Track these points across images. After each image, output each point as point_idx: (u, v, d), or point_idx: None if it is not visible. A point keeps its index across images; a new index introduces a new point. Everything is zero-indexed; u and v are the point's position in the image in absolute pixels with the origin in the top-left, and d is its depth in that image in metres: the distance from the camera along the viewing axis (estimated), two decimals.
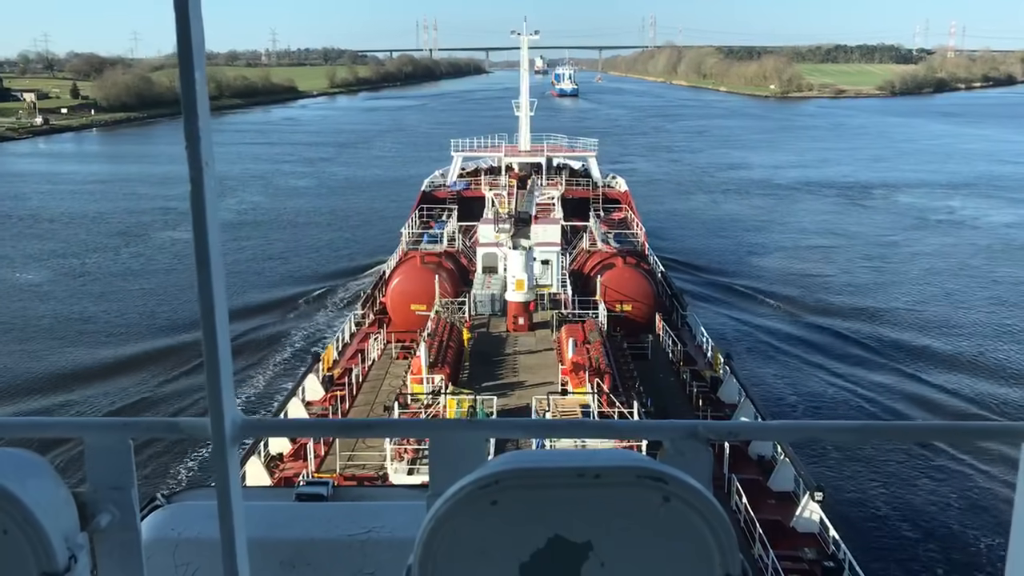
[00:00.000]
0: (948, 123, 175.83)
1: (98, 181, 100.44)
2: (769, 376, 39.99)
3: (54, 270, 59.28)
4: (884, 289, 54.26)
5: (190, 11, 1.64)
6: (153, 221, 75.93)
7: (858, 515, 27.55)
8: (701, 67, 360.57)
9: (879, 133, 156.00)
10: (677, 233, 69.42)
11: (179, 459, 30.86)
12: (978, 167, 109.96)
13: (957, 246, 66.74)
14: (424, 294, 38.68)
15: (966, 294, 53.37)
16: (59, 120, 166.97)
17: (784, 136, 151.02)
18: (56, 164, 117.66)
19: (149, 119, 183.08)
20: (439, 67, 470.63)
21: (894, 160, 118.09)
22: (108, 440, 2.02)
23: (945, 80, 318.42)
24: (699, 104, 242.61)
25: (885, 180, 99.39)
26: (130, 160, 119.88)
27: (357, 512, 2.89)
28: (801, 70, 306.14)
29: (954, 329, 46.28)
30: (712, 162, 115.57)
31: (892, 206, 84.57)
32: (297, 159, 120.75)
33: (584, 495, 1.64)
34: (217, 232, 1.74)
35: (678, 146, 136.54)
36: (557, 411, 26.29)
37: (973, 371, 40.38)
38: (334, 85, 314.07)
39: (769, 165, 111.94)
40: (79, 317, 48.32)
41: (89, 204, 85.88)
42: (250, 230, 71.86)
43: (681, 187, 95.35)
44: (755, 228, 73.12)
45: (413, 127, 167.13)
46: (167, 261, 61.74)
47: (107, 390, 38.00)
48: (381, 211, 78.63)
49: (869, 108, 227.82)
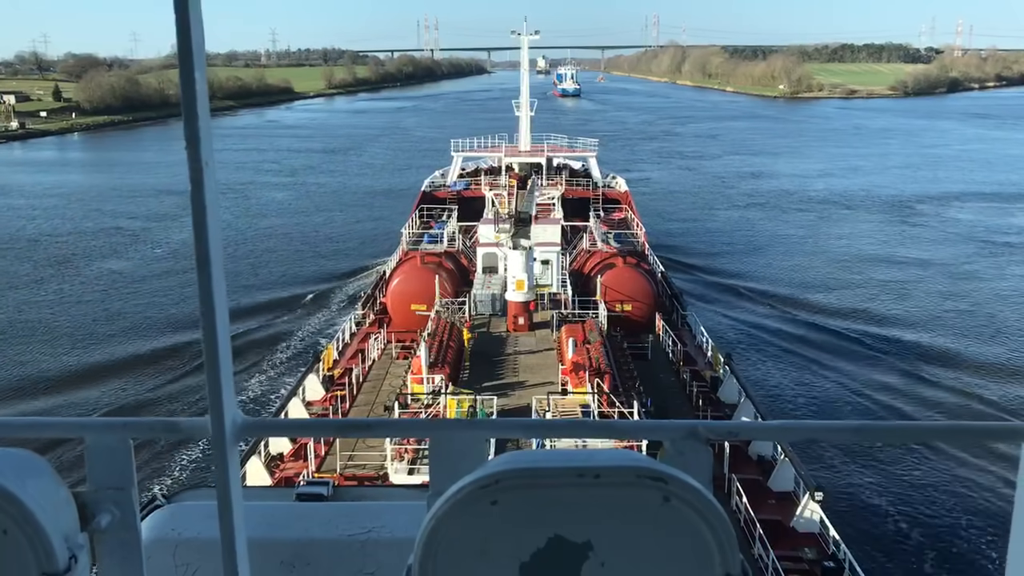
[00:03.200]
0: (977, 126, 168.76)
1: (58, 195, 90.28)
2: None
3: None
4: (998, 341, 45.20)
5: (190, 11, 1.64)
6: (98, 247, 65.54)
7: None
8: (706, 67, 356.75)
9: (905, 137, 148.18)
10: (706, 258, 61.55)
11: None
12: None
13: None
14: (424, 294, 38.70)
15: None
16: (37, 124, 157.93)
17: (805, 140, 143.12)
18: (18, 174, 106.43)
19: (135, 123, 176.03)
20: (440, 67, 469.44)
21: (932, 168, 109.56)
22: (108, 440, 2.02)
23: (958, 80, 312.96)
24: (707, 105, 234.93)
25: (928, 192, 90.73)
26: (103, 169, 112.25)
27: (357, 512, 2.89)
28: (810, 70, 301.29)
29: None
30: (732, 170, 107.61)
31: (949, 225, 74.58)
32: (279, 168, 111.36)
33: (584, 495, 1.64)
34: (217, 232, 1.74)
35: (691, 151, 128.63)
36: (557, 411, 26.30)
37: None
38: (332, 86, 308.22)
39: (797, 174, 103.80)
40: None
41: (33, 223, 75.14)
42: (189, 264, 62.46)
43: (701, 200, 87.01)
44: (801, 252, 64.02)
45: (408, 131, 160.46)
46: (87, 307, 50.14)
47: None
48: (364, 233, 70.01)
49: (886, 109, 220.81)
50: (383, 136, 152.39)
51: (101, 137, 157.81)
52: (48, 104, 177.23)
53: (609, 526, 1.64)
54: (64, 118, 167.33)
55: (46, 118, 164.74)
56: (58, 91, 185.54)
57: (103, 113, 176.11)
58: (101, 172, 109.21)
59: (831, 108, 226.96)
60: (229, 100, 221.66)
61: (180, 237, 68.26)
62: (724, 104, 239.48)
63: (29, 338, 44.87)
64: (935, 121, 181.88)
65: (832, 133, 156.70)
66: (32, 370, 40.55)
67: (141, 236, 69.53)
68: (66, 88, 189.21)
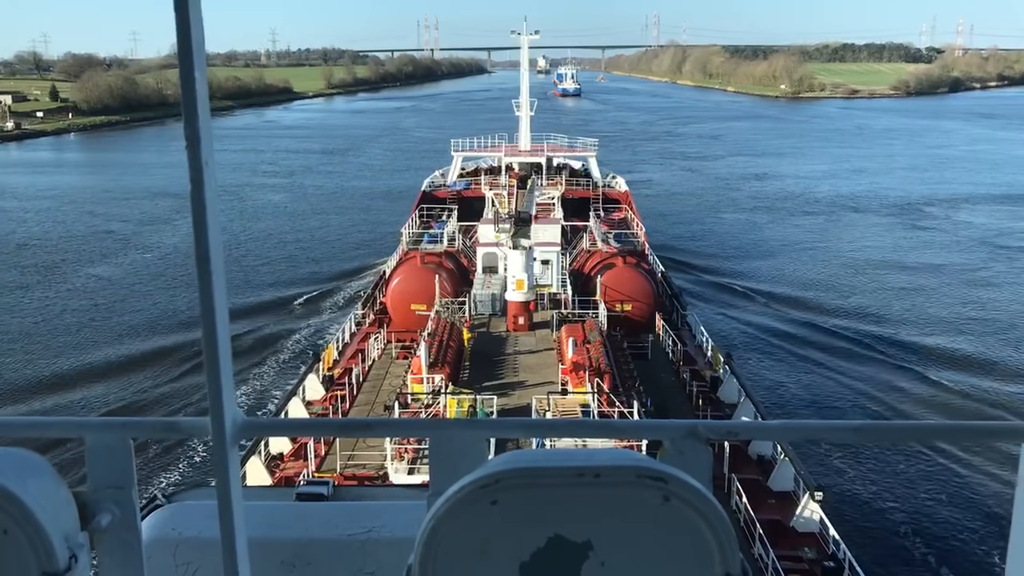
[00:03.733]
0: (981, 126, 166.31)
1: (51, 196, 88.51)
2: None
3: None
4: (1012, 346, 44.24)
5: (190, 11, 1.64)
6: (87, 252, 63.73)
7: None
8: (707, 66, 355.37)
9: (909, 137, 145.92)
10: (713, 260, 60.51)
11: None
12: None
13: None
14: (424, 294, 38.71)
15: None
16: (33, 124, 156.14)
17: (808, 141, 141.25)
18: (12, 175, 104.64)
19: (133, 123, 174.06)
20: (440, 67, 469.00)
21: (938, 169, 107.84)
22: (108, 440, 2.02)
23: (960, 79, 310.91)
24: (709, 105, 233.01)
25: (936, 194, 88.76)
26: (99, 170, 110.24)
27: (357, 512, 2.89)
28: (811, 70, 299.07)
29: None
30: (736, 171, 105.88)
31: (960, 228, 72.77)
32: (275, 170, 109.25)
33: (584, 495, 1.64)
34: (218, 232, 1.74)
35: (694, 152, 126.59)
36: (557, 411, 26.30)
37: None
38: (332, 86, 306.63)
39: (801, 175, 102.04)
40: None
41: (19, 227, 73.16)
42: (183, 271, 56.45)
43: (706, 202, 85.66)
44: (810, 257, 62.37)
45: (407, 131, 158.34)
46: (61, 314, 48.90)
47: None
48: (359, 239, 68.03)
49: (889, 109, 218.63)
50: (382, 137, 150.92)
51: (98, 137, 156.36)
52: (45, 104, 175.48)
53: (609, 526, 1.65)
54: (61, 118, 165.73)
55: (42, 118, 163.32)
56: (55, 91, 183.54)
57: (100, 113, 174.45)
58: (96, 173, 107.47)
59: (833, 108, 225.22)
60: (227, 100, 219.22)
61: (172, 242, 66.58)
62: (725, 104, 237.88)
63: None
64: (939, 121, 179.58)
65: (835, 133, 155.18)
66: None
67: (132, 240, 68.10)
68: (63, 88, 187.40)
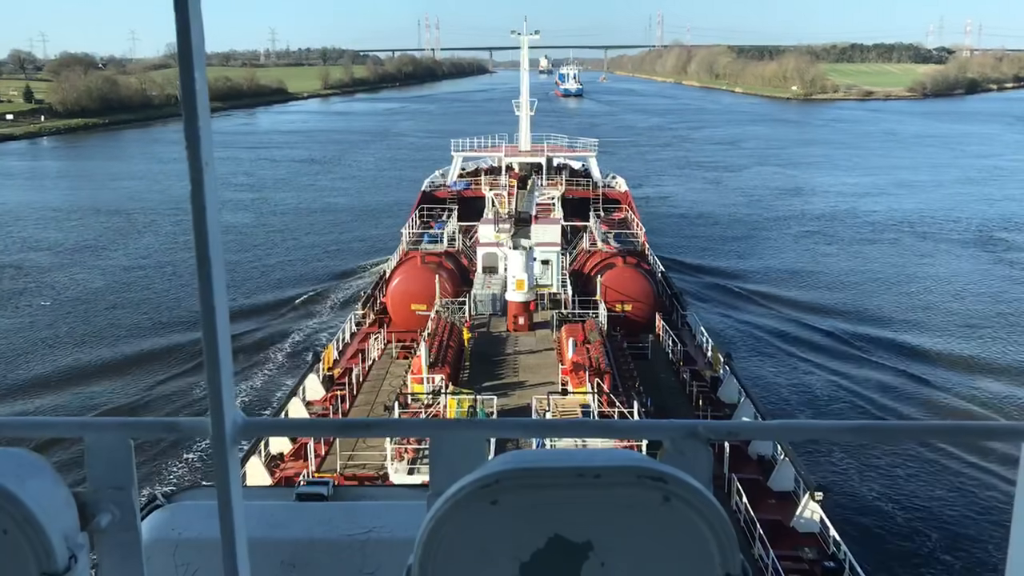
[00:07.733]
0: (1019, 131, 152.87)
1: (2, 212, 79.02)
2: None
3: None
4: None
5: (190, 11, 1.64)
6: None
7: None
8: (713, 67, 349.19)
9: (946, 144, 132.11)
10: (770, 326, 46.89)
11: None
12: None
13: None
14: (424, 294, 38.71)
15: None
16: (1, 128, 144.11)
17: (837, 148, 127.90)
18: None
19: (112, 125, 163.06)
20: (441, 67, 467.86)
21: (996, 183, 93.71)
22: (108, 440, 2.02)
23: (977, 81, 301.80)
24: (719, 108, 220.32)
25: (1009, 216, 75.97)
26: (71, 180, 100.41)
27: (357, 512, 2.89)
28: (823, 70, 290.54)
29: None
30: (767, 185, 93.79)
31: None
32: (245, 183, 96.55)
33: (584, 495, 1.64)
34: (217, 232, 1.74)
35: (714, 161, 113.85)
36: (557, 411, 26.30)
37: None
38: (329, 86, 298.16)
39: (843, 191, 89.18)
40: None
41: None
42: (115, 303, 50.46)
43: (741, 223, 73.11)
44: (898, 298, 51.42)
45: (402, 135, 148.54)
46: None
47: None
48: (321, 270, 58.92)
49: (910, 112, 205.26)
50: (375, 142, 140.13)
51: (76, 142, 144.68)
52: (19, 106, 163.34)
53: (609, 526, 1.64)
54: (32, 121, 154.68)
55: (12, 121, 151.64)
56: (29, 92, 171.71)
57: (78, 115, 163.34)
58: (73, 183, 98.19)
59: (850, 111, 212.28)
60: (217, 102, 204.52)
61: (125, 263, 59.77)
62: (736, 106, 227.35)
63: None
64: (971, 126, 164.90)
65: (863, 139, 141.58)
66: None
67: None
68: (40, 89, 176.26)
